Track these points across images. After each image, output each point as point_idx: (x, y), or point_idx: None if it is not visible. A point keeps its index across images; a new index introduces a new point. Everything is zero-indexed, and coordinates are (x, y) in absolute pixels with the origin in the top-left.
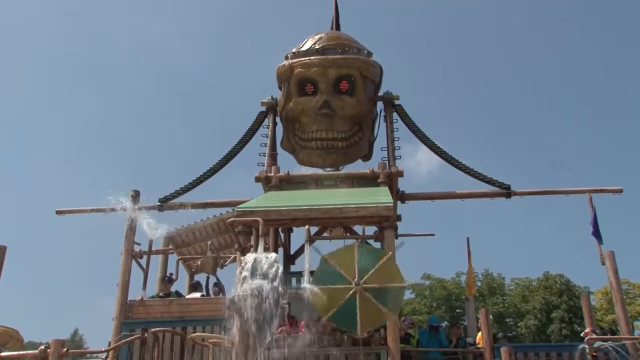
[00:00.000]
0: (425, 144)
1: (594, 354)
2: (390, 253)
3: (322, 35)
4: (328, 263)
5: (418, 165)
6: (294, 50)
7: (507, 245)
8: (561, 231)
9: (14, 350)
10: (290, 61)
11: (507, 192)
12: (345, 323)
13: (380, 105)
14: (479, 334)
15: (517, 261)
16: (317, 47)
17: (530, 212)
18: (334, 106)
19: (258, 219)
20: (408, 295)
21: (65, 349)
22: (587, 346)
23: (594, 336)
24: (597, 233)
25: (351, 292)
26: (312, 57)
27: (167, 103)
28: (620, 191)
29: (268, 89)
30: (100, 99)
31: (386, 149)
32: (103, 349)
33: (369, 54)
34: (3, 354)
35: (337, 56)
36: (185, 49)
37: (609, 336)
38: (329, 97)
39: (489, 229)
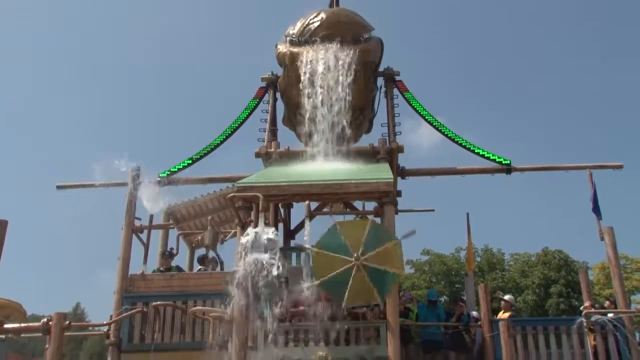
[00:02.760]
0: (426, 120)
1: (591, 327)
2: (399, 240)
3: (322, 16)
4: (337, 230)
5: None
6: (292, 32)
7: (507, 221)
8: (561, 207)
9: (17, 323)
10: (290, 49)
11: (507, 167)
12: (333, 291)
13: (380, 81)
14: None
15: (517, 237)
16: (317, 35)
17: (530, 188)
18: None
19: (258, 194)
20: (408, 270)
21: (68, 322)
22: (584, 320)
23: (592, 310)
24: (596, 209)
25: (349, 264)
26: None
27: (168, 79)
28: (621, 167)
29: (269, 64)
30: (100, 77)
31: (386, 124)
32: (105, 322)
33: (370, 29)
34: (7, 325)
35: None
36: (186, 22)
37: (606, 310)
38: None
39: (489, 205)
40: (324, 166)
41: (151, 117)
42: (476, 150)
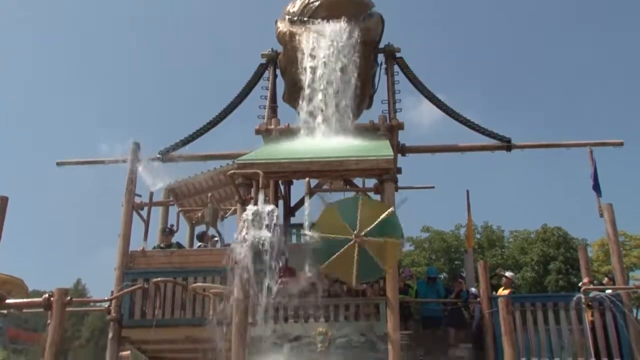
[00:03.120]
0: (426, 97)
1: (589, 303)
2: (392, 209)
3: None
4: (331, 212)
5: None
6: (292, 10)
7: (507, 198)
8: (560, 185)
9: (19, 299)
10: (290, 28)
11: (507, 145)
12: (341, 273)
13: (381, 57)
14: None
15: (516, 214)
16: (317, 15)
17: (530, 166)
18: None
19: (258, 171)
20: (407, 247)
21: (69, 298)
22: (582, 296)
23: (591, 286)
24: (596, 186)
25: (350, 243)
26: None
27: (167, 55)
28: (621, 144)
29: (268, 40)
30: (100, 51)
31: (387, 101)
32: (105, 298)
33: (371, 5)
34: (9, 301)
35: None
36: None
37: (604, 286)
38: None
39: (489, 182)
40: (324, 143)
41: (151, 94)
42: (476, 127)
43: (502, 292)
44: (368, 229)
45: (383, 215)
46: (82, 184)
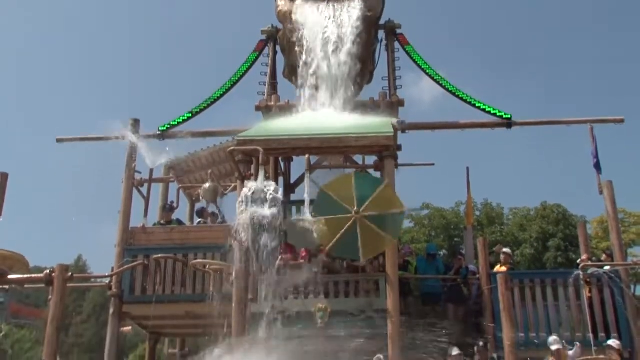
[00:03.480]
0: (427, 74)
1: (588, 279)
2: (388, 180)
3: None
4: (326, 193)
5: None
6: None
7: (507, 175)
8: (560, 162)
9: (20, 274)
10: (289, 6)
11: (507, 122)
12: (347, 252)
13: (381, 33)
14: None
15: (516, 191)
16: None
17: (530, 143)
18: None
19: (258, 148)
20: (407, 224)
21: (70, 274)
22: (581, 272)
23: (589, 263)
24: (597, 164)
25: (351, 220)
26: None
27: (167, 32)
28: (622, 121)
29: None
30: (100, 28)
31: (387, 78)
32: (106, 274)
33: None
34: (10, 276)
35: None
36: None
37: (603, 262)
38: None
39: (489, 160)
40: (324, 119)
41: (151, 70)
42: (477, 104)
43: (501, 268)
44: (366, 203)
45: (379, 189)
46: (83, 161)
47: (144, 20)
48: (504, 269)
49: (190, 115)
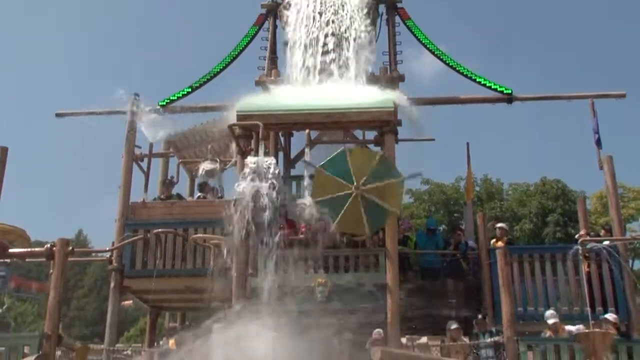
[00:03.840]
0: (428, 49)
1: (586, 254)
2: (382, 153)
3: None
4: (345, 156)
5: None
6: None
7: (507, 151)
8: (560, 137)
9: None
10: None
11: (508, 97)
12: (352, 227)
13: (382, 8)
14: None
15: (516, 167)
16: None
17: (530, 119)
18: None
19: (258, 122)
20: (407, 199)
21: (70, 248)
22: (580, 247)
23: (588, 238)
24: (598, 139)
25: (352, 196)
26: None
27: (167, 5)
28: (623, 96)
29: None
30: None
31: (387, 53)
32: (107, 249)
33: None
34: (11, 250)
35: None
36: None
37: (601, 237)
38: None
39: (489, 135)
40: (325, 93)
41: (150, 45)
42: (478, 79)
43: (497, 243)
44: (365, 177)
45: (392, 181)
46: (83, 135)
47: None
48: (500, 243)
49: (190, 89)
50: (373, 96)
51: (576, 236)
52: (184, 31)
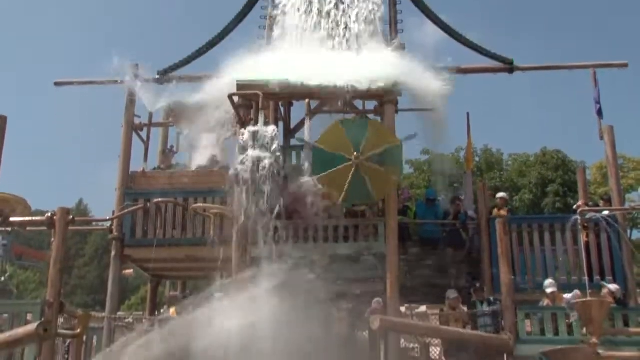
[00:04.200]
0: (429, 18)
1: (585, 224)
2: (400, 141)
3: None
4: (320, 148)
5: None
6: None
7: (508, 121)
8: (561, 107)
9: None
10: None
11: (509, 67)
12: (359, 197)
13: None
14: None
15: (517, 137)
16: None
17: (532, 88)
18: None
19: (258, 92)
20: (407, 170)
21: (71, 217)
22: (579, 217)
23: (587, 208)
24: (599, 109)
25: (354, 167)
26: None
27: None
28: (626, 66)
29: None
30: None
31: (388, 22)
32: (107, 218)
33: None
34: (12, 219)
35: None
36: None
37: (600, 207)
38: None
39: (490, 105)
40: (325, 56)
41: (150, 13)
42: (479, 49)
43: (500, 212)
44: (370, 153)
45: (389, 146)
46: (83, 104)
47: None
48: (503, 212)
49: (189, 59)
50: (374, 68)
51: (574, 207)
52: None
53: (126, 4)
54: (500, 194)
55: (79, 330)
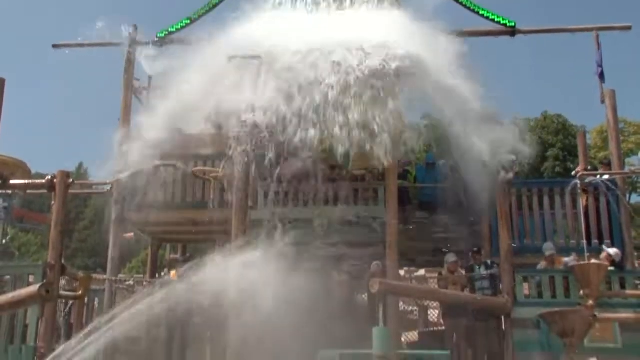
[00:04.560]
0: None
1: (585, 188)
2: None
3: None
4: None
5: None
6: None
7: (509, 85)
8: (563, 72)
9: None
10: None
11: (511, 30)
12: (367, 161)
13: None
14: None
15: (518, 102)
16: None
17: (533, 52)
18: None
19: (260, 55)
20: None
21: (71, 180)
22: (579, 181)
23: (586, 172)
24: (601, 73)
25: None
26: None
27: None
28: (629, 28)
29: None
30: None
31: None
32: (107, 181)
33: None
34: (12, 181)
35: None
36: None
37: (599, 172)
38: None
39: (490, 69)
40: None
41: None
42: (481, 12)
43: None
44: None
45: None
46: (82, 67)
47: None
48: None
49: (189, 21)
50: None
51: (572, 173)
52: None
53: None
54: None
55: (80, 292)
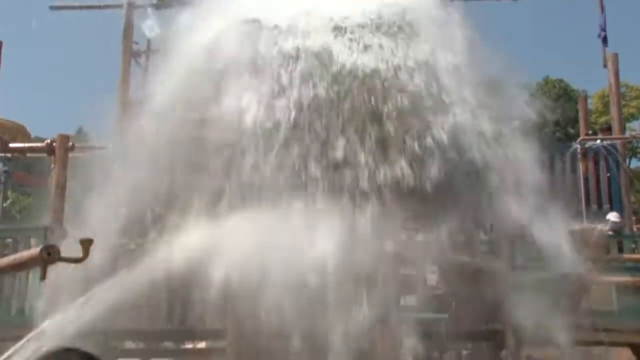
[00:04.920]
0: None
1: (585, 153)
2: None
3: None
4: None
5: None
6: None
7: (510, 50)
8: (565, 35)
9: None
10: None
11: None
12: None
13: None
14: None
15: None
16: None
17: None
18: None
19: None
20: None
21: (71, 144)
22: (579, 146)
23: (587, 137)
24: (604, 37)
25: None
26: None
27: None
28: None
29: None
30: None
31: None
32: (107, 145)
33: None
34: (12, 145)
35: None
36: None
37: (600, 136)
38: None
39: (491, 34)
40: None
41: None
42: None
43: None
44: None
45: None
46: (80, 30)
47: None
48: None
49: None
50: None
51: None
52: None
53: None
54: None
55: (82, 255)
